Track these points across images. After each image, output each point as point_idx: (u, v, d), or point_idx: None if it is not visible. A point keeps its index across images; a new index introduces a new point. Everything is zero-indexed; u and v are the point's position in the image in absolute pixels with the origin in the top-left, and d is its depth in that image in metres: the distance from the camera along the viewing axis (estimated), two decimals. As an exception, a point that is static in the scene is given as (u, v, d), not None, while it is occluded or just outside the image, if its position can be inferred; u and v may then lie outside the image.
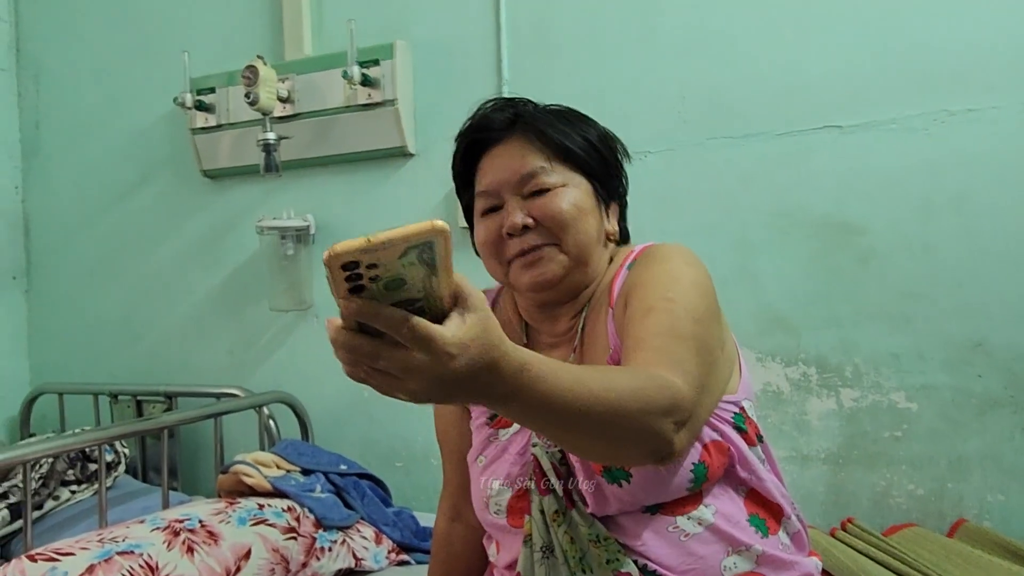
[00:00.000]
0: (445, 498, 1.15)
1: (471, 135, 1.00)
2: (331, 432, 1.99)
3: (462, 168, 1.02)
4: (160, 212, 2.22)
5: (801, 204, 1.57)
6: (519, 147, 0.96)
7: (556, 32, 1.77)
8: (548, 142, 0.96)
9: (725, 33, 1.62)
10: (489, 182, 0.97)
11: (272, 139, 1.85)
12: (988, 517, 1.45)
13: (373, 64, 1.85)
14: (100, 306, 2.31)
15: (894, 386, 1.52)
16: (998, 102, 1.44)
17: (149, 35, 2.21)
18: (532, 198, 0.94)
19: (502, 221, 0.95)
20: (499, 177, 0.96)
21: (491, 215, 0.97)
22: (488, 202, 0.97)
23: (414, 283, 0.56)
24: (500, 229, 0.95)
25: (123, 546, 1.24)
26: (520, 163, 0.95)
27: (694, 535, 0.89)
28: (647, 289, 0.89)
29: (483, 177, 0.98)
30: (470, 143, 1.01)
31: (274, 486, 1.52)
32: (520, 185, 0.95)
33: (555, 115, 1.00)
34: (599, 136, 1.01)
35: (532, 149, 0.96)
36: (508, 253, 0.95)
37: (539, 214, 0.94)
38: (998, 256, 1.45)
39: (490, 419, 1.01)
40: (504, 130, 0.98)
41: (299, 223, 1.95)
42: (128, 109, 2.24)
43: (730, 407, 0.93)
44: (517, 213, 0.94)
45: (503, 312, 1.07)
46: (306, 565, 1.40)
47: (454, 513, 1.14)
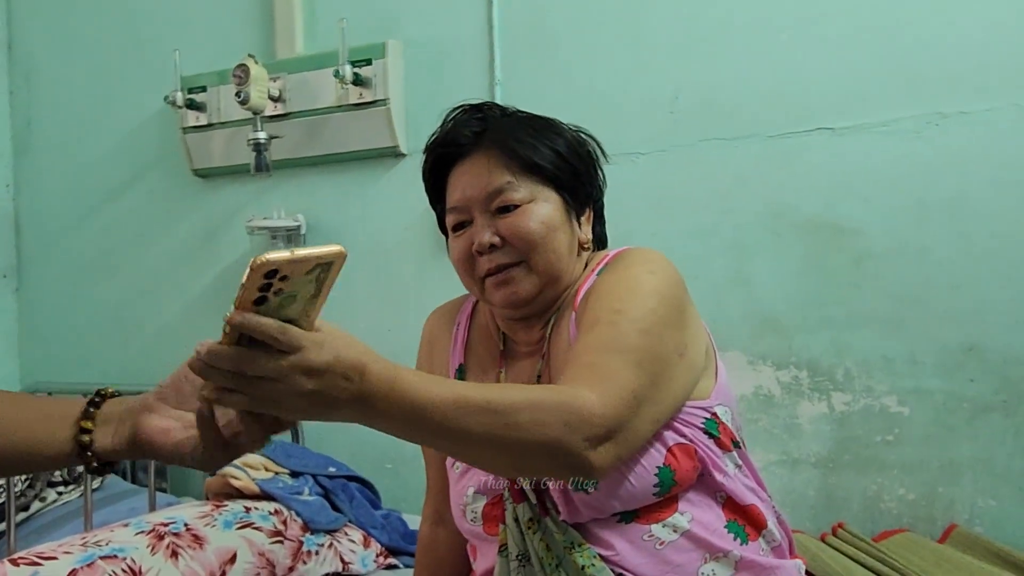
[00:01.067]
0: (429, 503, 1.15)
1: (438, 149, 0.99)
2: (322, 434, 1.97)
3: (432, 181, 1.02)
4: (151, 211, 2.20)
5: (794, 206, 1.56)
6: (485, 162, 0.95)
7: (549, 32, 1.75)
8: (515, 156, 0.94)
9: (718, 34, 1.61)
10: (458, 198, 0.96)
11: (263, 138, 1.84)
12: (979, 522, 1.44)
13: (365, 64, 1.83)
14: (91, 305, 2.30)
15: (886, 390, 1.51)
16: (991, 104, 1.43)
17: (141, 33, 2.20)
18: (500, 215, 0.94)
19: (472, 238, 0.94)
20: (466, 193, 0.95)
21: (461, 231, 0.96)
22: (457, 217, 0.97)
23: (300, 302, 0.61)
24: (471, 246, 0.94)
25: (106, 550, 1.22)
26: (487, 179, 0.94)
27: (669, 543, 0.88)
28: (600, 300, 0.90)
29: (452, 192, 0.98)
30: (437, 157, 1.00)
31: (262, 488, 1.51)
32: (487, 201, 0.94)
33: (522, 125, 0.98)
34: (568, 145, 0.99)
35: (499, 164, 0.94)
36: (479, 271, 0.95)
37: (507, 233, 0.93)
38: (991, 260, 1.44)
39: None
40: (470, 144, 0.96)
41: (289, 223, 1.94)
42: (119, 108, 2.23)
43: (700, 412, 0.92)
44: (485, 231, 0.93)
45: (480, 321, 1.07)
46: (292, 569, 1.39)
47: (437, 518, 1.13)
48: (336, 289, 0.63)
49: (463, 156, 0.97)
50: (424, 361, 1.12)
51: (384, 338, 1.92)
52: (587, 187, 1.01)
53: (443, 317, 1.11)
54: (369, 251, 1.93)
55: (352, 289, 1.95)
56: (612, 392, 0.79)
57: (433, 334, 1.11)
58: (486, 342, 1.06)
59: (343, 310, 1.96)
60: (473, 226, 0.95)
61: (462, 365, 1.06)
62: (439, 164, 1.00)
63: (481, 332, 1.07)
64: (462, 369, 1.06)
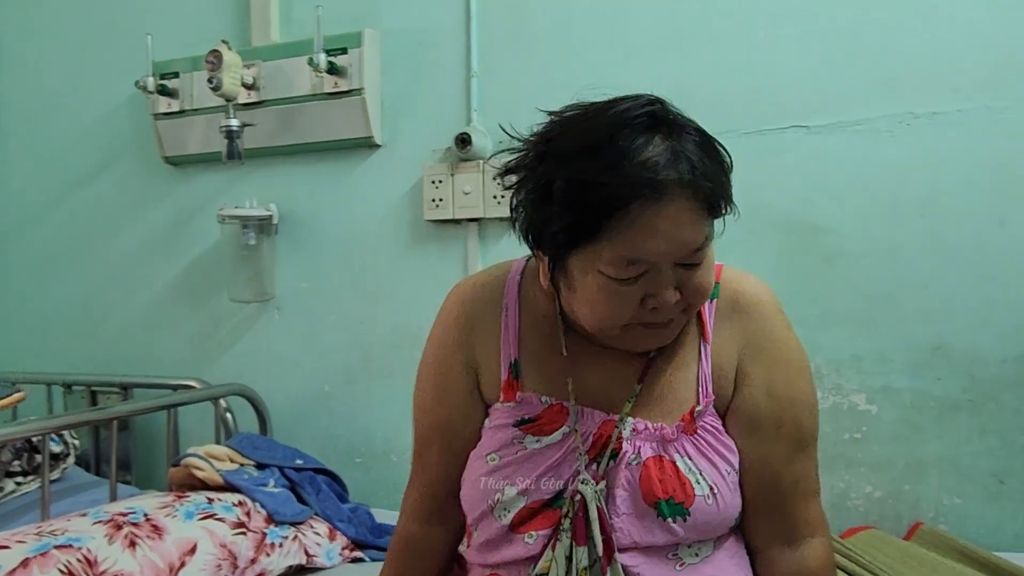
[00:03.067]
0: (423, 497, 1.00)
1: (634, 189, 0.75)
2: (291, 426, 1.95)
3: (588, 213, 0.77)
4: (120, 199, 2.16)
5: (768, 203, 1.56)
6: (689, 212, 0.77)
7: (527, 25, 1.74)
8: (714, 203, 0.79)
9: (695, 30, 1.61)
10: (650, 251, 0.77)
11: (235, 126, 1.81)
12: (944, 520, 1.45)
13: (341, 52, 1.81)
14: (57, 294, 2.26)
15: (855, 388, 1.51)
16: (962, 105, 1.44)
17: (113, 17, 2.16)
18: (683, 267, 0.81)
19: (647, 289, 0.80)
20: (661, 248, 0.77)
21: (630, 282, 0.80)
22: (636, 270, 0.79)
23: None
24: (640, 298, 0.80)
25: (61, 539, 1.19)
26: (691, 234, 0.78)
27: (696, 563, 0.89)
28: (770, 378, 0.91)
29: (640, 240, 0.77)
30: (623, 195, 0.76)
31: (226, 480, 1.49)
32: (685, 258, 0.79)
33: (708, 156, 0.79)
34: (725, 163, 0.83)
35: (701, 215, 0.78)
36: (637, 318, 0.82)
37: (690, 291, 0.81)
38: (961, 259, 1.45)
39: (518, 423, 0.91)
40: (673, 189, 0.76)
41: (262, 212, 1.92)
42: (89, 93, 2.19)
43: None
44: (670, 290, 0.80)
45: (531, 305, 0.95)
46: (255, 561, 1.37)
47: (437, 516, 0.99)
48: (309, 281, 0.61)
49: (659, 200, 0.76)
50: (457, 341, 0.96)
51: (357, 330, 1.91)
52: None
53: (485, 296, 0.96)
54: (342, 242, 1.91)
55: (325, 280, 1.93)
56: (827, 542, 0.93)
57: (473, 315, 0.95)
58: (541, 331, 0.93)
59: (316, 302, 1.95)
60: (655, 279, 0.79)
61: (517, 360, 0.93)
62: (614, 198, 0.76)
63: (533, 319, 0.94)
64: (517, 364, 0.93)
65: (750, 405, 0.90)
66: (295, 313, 1.96)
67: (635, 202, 0.75)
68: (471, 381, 0.96)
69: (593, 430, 0.89)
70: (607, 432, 0.88)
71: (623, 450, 0.87)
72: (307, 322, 1.95)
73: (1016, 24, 1.41)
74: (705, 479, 0.86)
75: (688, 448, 0.88)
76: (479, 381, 0.96)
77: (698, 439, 0.88)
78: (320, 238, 1.93)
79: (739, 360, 0.91)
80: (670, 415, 0.89)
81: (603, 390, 0.91)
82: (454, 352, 0.96)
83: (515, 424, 0.91)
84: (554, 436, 0.89)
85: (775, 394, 0.90)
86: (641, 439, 0.88)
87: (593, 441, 0.88)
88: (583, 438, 0.88)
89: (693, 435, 0.88)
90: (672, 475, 0.86)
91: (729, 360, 0.91)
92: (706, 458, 0.88)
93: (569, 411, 0.90)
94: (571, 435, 0.89)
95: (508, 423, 0.91)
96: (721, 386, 0.90)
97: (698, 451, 0.88)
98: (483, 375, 0.95)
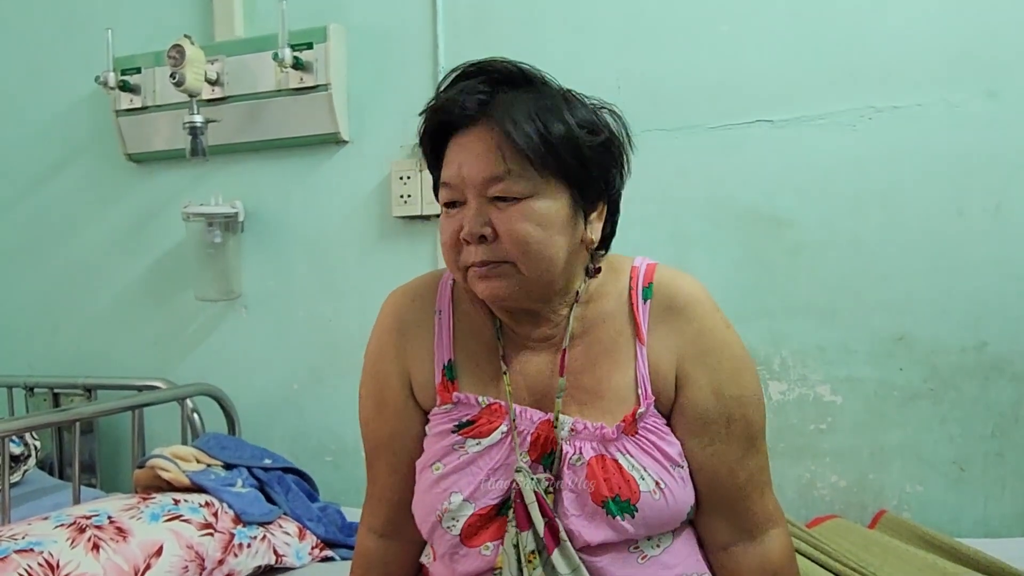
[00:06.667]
0: (379, 512, 1.00)
1: (437, 115, 0.86)
2: (259, 426, 1.93)
3: (429, 145, 0.89)
4: (82, 197, 2.12)
5: (734, 196, 1.58)
6: (486, 142, 0.82)
7: (493, 19, 1.74)
8: (520, 141, 0.81)
9: (660, 25, 1.62)
10: (452, 175, 0.85)
11: (199, 122, 1.78)
12: (907, 507, 1.48)
13: (306, 47, 1.79)
14: (17, 295, 2.20)
15: (820, 379, 1.53)
16: (922, 99, 1.46)
17: (72, 10, 2.11)
18: (496, 203, 0.83)
19: (462, 223, 0.84)
20: (462, 172, 0.83)
21: (452, 210, 0.86)
22: (451, 195, 0.86)
23: None
24: (459, 231, 0.84)
25: (22, 544, 1.17)
26: (485, 162, 0.82)
27: (656, 555, 0.89)
28: (714, 378, 0.90)
29: (447, 165, 0.86)
30: (436, 124, 0.87)
31: (192, 480, 1.46)
32: (484, 187, 0.83)
33: (535, 102, 0.83)
34: (587, 126, 0.85)
35: (500, 148, 0.81)
36: (463, 259, 0.85)
37: (500, 228, 0.82)
38: (921, 251, 1.48)
39: (457, 427, 0.91)
40: (473, 115, 0.83)
41: (227, 210, 1.89)
42: (48, 89, 2.14)
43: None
44: (476, 220, 0.82)
45: (465, 308, 0.96)
46: (223, 562, 1.35)
47: (390, 529, 1.00)
48: (276, 279, 0.60)
49: (464, 126, 0.84)
50: (391, 351, 0.96)
51: (325, 327, 1.89)
52: (601, 181, 0.87)
53: (418, 301, 0.97)
54: (309, 239, 1.89)
55: (292, 278, 1.91)
56: (785, 531, 0.94)
57: (405, 321, 0.96)
58: (477, 333, 0.94)
59: (283, 300, 1.93)
60: (465, 209, 0.84)
61: (451, 361, 0.93)
62: (438, 131, 0.87)
63: (468, 321, 0.95)
64: (451, 366, 0.93)
65: (697, 406, 0.89)
66: (262, 311, 1.94)
67: (451, 130, 0.86)
68: (407, 390, 0.96)
69: (531, 429, 0.89)
70: (545, 432, 0.88)
71: (564, 450, 0.88)
72: (275, 320, 1.93)
73: (972, 20, 1.44)
74: (650, 474, 0.86)
75: (629, 447, 0.87)
76: (412, 389, 0.96)
77: (640, 439, 0.88)
78: (287, 235, 1.90)
79: (679, 362, 0.90)
80: (610, 415, 0.89)
81: (534, 388, 0.91)
82: (390, 362, 0.96)
83: (454, 429, 0.91)
84: (493, 436, 0.89)
85: (722, 393, 0.89)
86: (581, 439, 0.88)
87: (532, 440, 0.88)
88: (521, 437, 0.88)
89: (634, 435, 0.88)
90: (616, 472, 0.86)
91: (667, 362, 0.90)
92: (649, 455, 0.87)
93: (507, 410, 0.90)
94: (509, 434, 0.89)
95: (447, 428, 0.91)
96: (660, 388, 0.89)
97: (640, 450, 0.88)
98: (417, 381, 0.95)
